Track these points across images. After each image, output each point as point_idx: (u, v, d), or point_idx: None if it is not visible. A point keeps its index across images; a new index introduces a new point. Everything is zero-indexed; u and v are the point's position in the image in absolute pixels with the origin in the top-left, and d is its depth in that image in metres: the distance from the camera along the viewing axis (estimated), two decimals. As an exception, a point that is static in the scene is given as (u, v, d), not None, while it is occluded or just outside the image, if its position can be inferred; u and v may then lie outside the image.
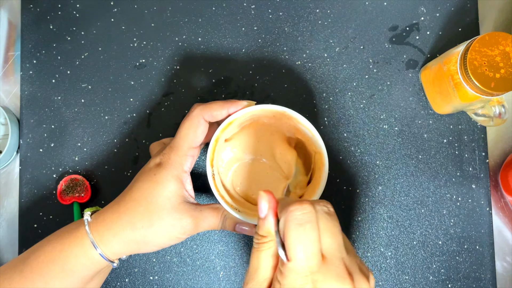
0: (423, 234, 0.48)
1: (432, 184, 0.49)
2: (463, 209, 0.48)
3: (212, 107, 0.40)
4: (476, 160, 0.49)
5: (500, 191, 0.49)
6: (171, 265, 0.48)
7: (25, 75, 0.50)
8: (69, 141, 0.49)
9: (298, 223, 0.29)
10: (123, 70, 0.50)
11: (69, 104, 0.50)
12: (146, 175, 0.38)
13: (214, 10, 0.50)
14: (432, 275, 0.48)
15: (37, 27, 0.50)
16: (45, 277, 0.37)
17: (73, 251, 0.37)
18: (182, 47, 0.50)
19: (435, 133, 0.49)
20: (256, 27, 0.50)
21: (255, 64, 0.50)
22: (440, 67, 0.44)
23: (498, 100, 0.42)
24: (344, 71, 0.50)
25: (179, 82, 0.50)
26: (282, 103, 0.49)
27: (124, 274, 0.48)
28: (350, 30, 0.50)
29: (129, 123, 0.49)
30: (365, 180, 0.49)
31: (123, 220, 0.37)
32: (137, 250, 0.38)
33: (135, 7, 0.50)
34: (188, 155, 0.39)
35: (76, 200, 0.47)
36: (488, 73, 0.39)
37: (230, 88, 0.50)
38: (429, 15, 0.50)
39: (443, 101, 0.46)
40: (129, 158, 0.49)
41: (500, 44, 0.39)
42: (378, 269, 0.48)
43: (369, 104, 0.49)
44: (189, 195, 0.40)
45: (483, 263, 0.48)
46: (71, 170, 0.49)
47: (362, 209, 0.48)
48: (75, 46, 0.50)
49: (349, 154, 0.49)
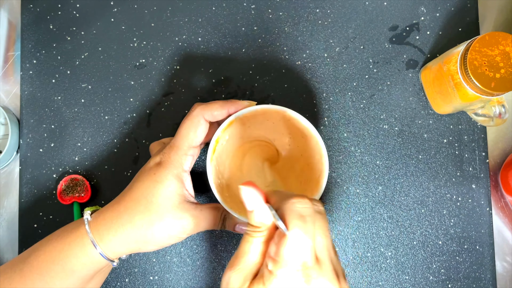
0: (423, 234, 0.48)
1: (432, 184, 0.49)
2: (463, 209, 0.48)
3: (212, 107, 0.40)
4: (476, 160, 0.49)
5: (500, 191, 0.49)
6: (171, 265, 0.48)
7: (25, 75, 0.50)
8: (69, 141, 0.49)
9: (300, 214, 0.30)
10: (123, 70, 0.50)
11: (69, 104, 0.50)
12: (146, 175, 0.38)
13: (214, 10, 0.50)
14: (432, 275, 0.48)
15: (37, 27, 0.50)
16: (45, 276, 0.37)
17: (73, 251, 0.37)
18: (182, 47, 0.50)
19: (435, 133, 0.49)
20: (256, 27, 0.50)
21: (255, 64, 0.50)
22: (440, 67, 0.44)
23: (498, 100, 0.42)
24: (344, 71, 0.50)
25: (179, 82, 0.50)
26: (282, 103, 0.49)
27: (124, 274, 0.48)
28: (350, 30, 0.50)
29: (129, 123, 0.49)
30: (365, 180, 0.49)
31: (123, 219, 0.37)
32: (137, 249, 0.38)
33: (135, 7, 0.51)
34: (188, 155, 0.39)
35: (76, 200, 0.47)
36: (488, 73, 0.39)
37: (230, 88, 0.50)
38: (429, 15, 0.50)
39: (443, 101, 0.46)
40: (129, 158, 0.49)
41: (500, 44, 0.39)
42: (378, 269, 0.48)
43: (369, 104, 0.49)
44: (189, 194, 0.40)
45: (483, 263, 0.48)
46: (71, 170, 0.49)
47: (362, 209, 0.48)
48: (75, 46, 0.50)
49: (349, 154, 0.49)
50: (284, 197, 0.31)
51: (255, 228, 0.32)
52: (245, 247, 0.32)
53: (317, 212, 0.31)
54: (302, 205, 0.30)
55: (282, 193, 0.32)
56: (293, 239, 0.29)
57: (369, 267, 0.48)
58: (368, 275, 0.48)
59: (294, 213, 0.30)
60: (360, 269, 0.48)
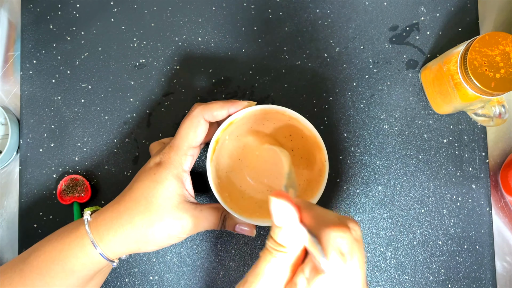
0: (423, 234, 0.48)
1: (432, 184, 0.49)
2: (463, 209, 0.48)
3: (212, 107, 0.40)
4: (476, 160, 0.49)
5: (500, 191, 0.49)
6: (171, 265, 0.48)
7: (25, 75, 0.50)
8: (69, 141, 0.49)
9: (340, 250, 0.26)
10: (123, 70, 0.50)
11: (69, 104, 0.50)
12: (146, 175, 0.38)
13: (214, 10, 0.50)
14: (432, 275, 0.48)
15: (37, 27, 0.50)
16: (45, 276, 0.37)
17: (73, 251, 0.37)
18: (182, 47, 0.50)
19: (435, 133, 0.49)
20: (256, 27, 0.50)
21: (255, 64, 0.50)
22: (440, 67, 0.44)
23: (498, 100, 0.42)
24: (344, 71, 0.50)
25: (179, 82, 0.50)
26: (282, 103, 0.49)
27: (124, 274, 0.48)
28: (350, 30, 0.50)
29: (129, 123, 0.49)
30: (365, 180, 0.49)
31: (123, 220, 0.37)
32: (137, 249, 0.38)
33: (135, 7, 0.50)
34: (188, 155, 0.39)
35: (76, 200, 0.47)
36: (488, 73, 0.39)
37: (230, 88, 0.50)
38: (429, 15, 0.50)
39: (443, 101, 0.46)
40: (129, 158, 0.49)
41: (500, 44, 0.39)
42: (378, 269, 0.48)
43: (369, 104, 0.49)
44: (189, 194, 0.40)
45: (483, 263, 0.48)
46: (71, 170, 0.49)
47: (362, 209, 0.48)
48: (75, 46, 0.50)
49: (349, 154, 0.49)
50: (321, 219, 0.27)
51: (279, 246, 0.28)
52: (262, 266, 0.28)
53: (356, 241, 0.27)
54: (343, 239, 0.26)
55: (319, 212, 0.28)
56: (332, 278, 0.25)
57: (369, 267, 0.48)
58: (368, 275, 0.48)
59: (333, 247, 0.25)
60: (360, 269, 0.48)
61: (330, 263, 0.25)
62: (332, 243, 0.25)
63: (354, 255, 0.26)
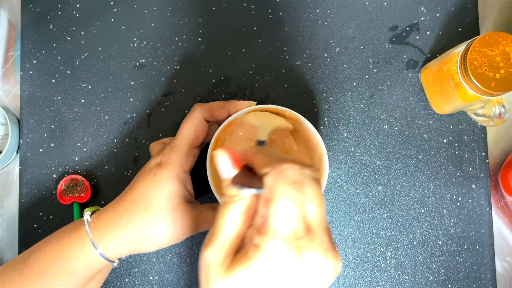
0: (423, 234, 0.48)
1: (432, 184, 0.49)
2: (463, 209, 0.48)
3: (212, 107, 0.40)
4: (476, 160, 0.49)
5: (500, 191, 0.49)
6: (171, 265, 0.48)
7: (25, 75, 0.50)
8: (69, 141, 0.49)
9: (291, 182, 0.27)
10: (123, 70, 0.50)
11: (69, 104, 0.49)
12: (147, 175, 0.38)
13: (214, 10, 0.50)
14: (432, 275, 0.48)
15: (37, 27, 0.50)
16: (46, 277, 0.37)
17: (73, 252, 0.37)
18: (182, 47, 0.50)
19: (435, 133, 0.49)
20: (256, 27, 0.50)
21: (255, 64, 0.50)
22: (440, 67, 0.44)
23: (498, 100, 0.42)
24: (344, 71, 0.50)
25: (179, 82, 0.50)
26: (282, 103, 0.49)
27: (124, 274, 0.48)
28: (350, 30, 0.50)
29: (129, 123, 0.49)
30: (365, 180, 0.49)
31: (123, 220, 0.37)
32: (137, 250, 0.38)
33: (135, 7, 0.50)
34: (189, 155, 0.39)
35: (76, 200, 0.47)
36: (488, 73, 0.39)
37: (230, 88, 0.50)
38: (429, 15, 0.50)
39: (443, 101, 0.46)
40: (129, 158, 0.49)
41: (500, 44, 0.39)
42: (378, 269, 0.48)
43: (369, 104, 0.49)
44: (190, 195, 0.40)
45: (483, 263, 0.48)
46: (71, 170, 0.49)
47: (362, 209, 0.48)
48: (75, 46, 0.50)
49: (349, 154, 0.49)
50: (273, 160, 0.28)
51: (232, 197, 0.29)
52: (221, 221, 0.28)
53: (313, 179, 0.27)
54: (293, 172, 0.27)
55: (272, 155, 0.29)
56: (282, 207, 0.26)
57: (369, 267, 0.48)
58: (368, 275, 0.48)
59: (284, 181, 0.26)
60: (360, 269, 0.48)
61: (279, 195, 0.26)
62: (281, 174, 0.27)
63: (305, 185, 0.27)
